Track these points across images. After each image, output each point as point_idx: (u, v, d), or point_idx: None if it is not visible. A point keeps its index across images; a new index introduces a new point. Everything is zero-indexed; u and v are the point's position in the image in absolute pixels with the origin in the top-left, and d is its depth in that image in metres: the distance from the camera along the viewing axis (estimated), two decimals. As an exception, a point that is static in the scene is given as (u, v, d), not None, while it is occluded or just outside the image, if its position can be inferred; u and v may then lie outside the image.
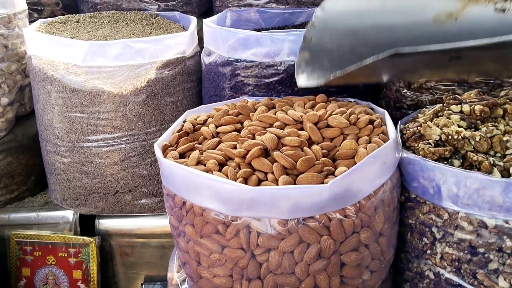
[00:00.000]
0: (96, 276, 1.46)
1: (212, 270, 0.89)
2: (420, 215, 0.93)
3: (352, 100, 1.19)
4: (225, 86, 1.30)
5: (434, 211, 0.90)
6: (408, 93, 1.26)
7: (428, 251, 0.93)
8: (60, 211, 1.49)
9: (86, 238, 1.44)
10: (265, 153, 0.91)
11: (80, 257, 1.46)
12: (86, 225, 1.49)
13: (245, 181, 0.85)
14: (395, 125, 1.02)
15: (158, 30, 1.53)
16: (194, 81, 1.45)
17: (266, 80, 1.24)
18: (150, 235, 1.46)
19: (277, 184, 0.83)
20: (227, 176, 0.86)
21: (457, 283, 0.89)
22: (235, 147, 0.93)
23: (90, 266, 1.46)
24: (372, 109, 1.12)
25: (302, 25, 1.58)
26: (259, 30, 1.48)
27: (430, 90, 1.21)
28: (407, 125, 1.05)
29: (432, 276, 0.93)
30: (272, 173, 0.86)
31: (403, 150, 0.97)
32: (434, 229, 0.91)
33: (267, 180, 0.85)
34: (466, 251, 0.87)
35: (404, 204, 0.98)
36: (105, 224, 1.48)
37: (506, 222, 0.82)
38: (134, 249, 1.49)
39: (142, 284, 1.50)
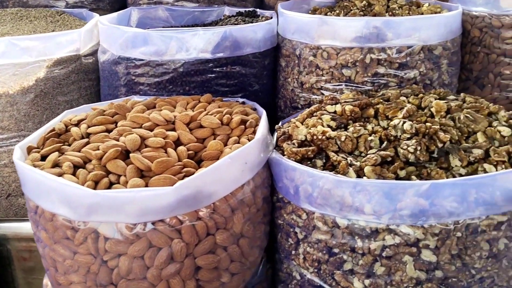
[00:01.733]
0: (-7, 282, 1.41)
1: (68, 276, 0.86)
2: (285, 215, 0.93)
3: (241, 100, 1.17)
4: (118, 85, 1.27)
5: (296, 211, 0.90)
6: (301, 94, 1.25)
7: (293, 252, 0.92)
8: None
9: (-19, 243, 1.38)
10: (126, 155, 0.88)
11: (-24, 262, 1.40)
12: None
13: (96, 184, 0.83)
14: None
15: (62, 28, 1.48)
16: (92, 80, 1.41)
17: (157, 79, 1.21)
18: (48, 239, 1.41)
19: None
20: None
21: (318, 284, 0.89)
22: (98, 149, 0.90)
23: (-14, 271, 1.40)
24: (254, 109, 1.11)
25: (213, 24, 1.56)
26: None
27: (321, 91, 1.21)
28: (283, 125, 1.04)
29: (298, 277, 0.93)
30: (125, 175, 0.83)
31: (274, 151, 0.96)
32: (297, 230, 0.90)
33: (119, 183, 0.83)
34: (324, 252, 0.86)
35: (275, 205, 0.97)
36: (1, 228, 1.42)
37: (357, 222, 0.82)
38: (32, 253, 1.43)
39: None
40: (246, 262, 0.90)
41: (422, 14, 1.30)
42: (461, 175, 0.85)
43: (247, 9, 1.54)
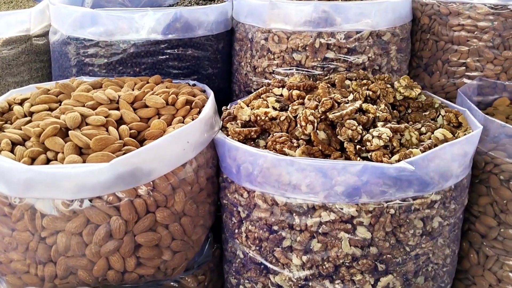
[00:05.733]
0: None
1: (8, 254, 0.85)
2: (229, 195, 0.93)
3: (191, 82, 1.17)
4: (68, 66, 1.25)
5: (238, 190, 0.90)
6: (254, 78, 1.26)
7: (236, 230, 0.93)
8: None
9: None
10: (67, 133, 0.87)
11: None
12: None
13: (33, 161, 0.82)
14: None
15: (16, 8, 1.45)
16: (44, 62, 1.39)
17: (106, 60, 1.20)
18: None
19: (67, 164, 0.80)
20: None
21: (260, 262, 0.90)
22: (38, 127, 0.89)
23: None
24: (204, 91, 1.11)
25: (171, 6, 1.54)
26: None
27: (273, 75, 1.22)
28: (231, 107, 1.05)
29: (241, 256, 0.94)
30: (63, 152, 0.83)
31: (219, 131, 0.96)
32: (240, 209, 0.91)
33: (57, 160, 0.82)
34: (264, 229, 0.88)
35: (220, 185, 0.98)
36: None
37: (294, 199, 0.83)
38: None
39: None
40: (189, 241, 0.91)
41: (375, 0, 1.32)
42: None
43: (205, -7, 1.54)
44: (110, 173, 0.77)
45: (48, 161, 0.82)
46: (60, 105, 0.99)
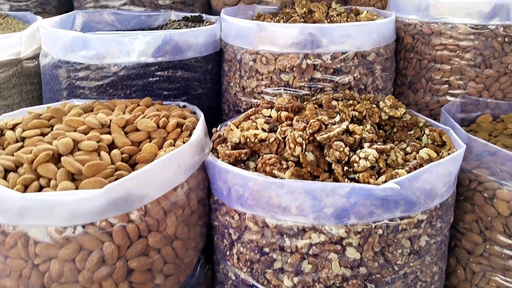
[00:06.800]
0: None
1: (1, 281, 0.85)
2: (220, 217, 0.95)
3: (182, 104, 1.19)
4: (59, 89, 1.26)
5: (229, 212, 0.92)
6: (243, 98, 1.28)
7: (228, 252, 0.95)
8: None
9: None
10: (59, 159, 0.89)
11: None
12: None
13: (26, 188, 0.83)
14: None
15: (5, 31, 1.46)
16: (35, 84, 1.40)
17: (97, 83, 1.21)
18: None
19: (60, 191, 0.81)
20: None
21: (252, 284, 0.91)
22: (31, 153, 0.90)
23: None
24: (194, 113, 1.13)
25: (159, 28, 1.57)
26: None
27: (261, 95, 1.24)
28: (221, 128, 1.07)
29: (233, 277, 0.95)
30: (56, 179, 0.84)
31: (210, 153, 0.98)
32: (231, 231, 0.93)
33: (50, 186, 0.83)
34: (256, 251, 0.89)
35: (211, 207, 0.99)
36: None
37: (285, 221, 0.85)
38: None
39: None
40: (181, 264, 0.92)
41: (360, 21, 1.35)
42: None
43: (193, 14, 1.56)
44: (103, 199, 0.78)
45: (41, 188, 0.83)
46: (52, 129, 1.00)
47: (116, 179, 0.85)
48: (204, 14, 1.58)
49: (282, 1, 1.55)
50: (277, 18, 1.41)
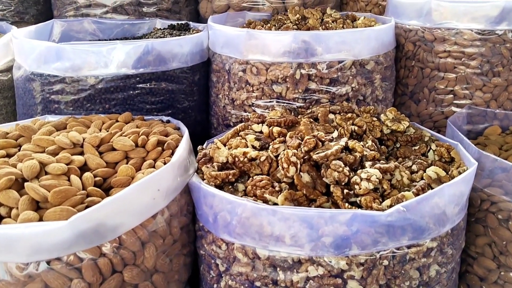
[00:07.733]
0: None
1: (-44, 324, 0.75)
2: (206, 245, 0.85)
3: (165, 119, 1.09)
4: (33, 103, 1.17)
5: (216, 241, 0.82)
6: (232, 110, 1.19)
7: (215, 285, 0.85)
8: None
9: None
10: (23, 183, 0.79)
11: None
12: None
13: (-16, 218, 0.73)
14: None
15: (-21, 41, 1.36)
16: (8, 98, 1.30)
17: (73, 97, 1.12)
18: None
19: (21, 222, 0.71)
20: (-35, 213, 0.73)
21: (241, 320, 0.81)
22: (-6, 177, 0.80)
23: None
24: (178, 128, 1.03)
25: (143, 37, 1.47)
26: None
27: (252, 107, 1.15)
28: (207, 146, 0.97)
29: (222, 312, 0.85)
30: (18, 208, 0.74)
31: (195, 174, 0.88)
32: (218, 261, 0.83)
33: (11, 217, 0.73)
34: (246, 285, 0.79)
35: (197, 233, 0.89)
36: None
37: (277, 252, 0.75)
38: None
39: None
40: (162, 299, 0.82)
41: (357, 27, 1.27)
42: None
43: (179, 22, 1.47)
44: (70, 231, 0.69)
45: (1, 218, 0.73)
46: (19, 150, 0.90)
47: (87, 207, 0.75)
48: (191, 22, 1.49)
49: (274, 8, 1.46)
50: (269, 25, 1.32)
